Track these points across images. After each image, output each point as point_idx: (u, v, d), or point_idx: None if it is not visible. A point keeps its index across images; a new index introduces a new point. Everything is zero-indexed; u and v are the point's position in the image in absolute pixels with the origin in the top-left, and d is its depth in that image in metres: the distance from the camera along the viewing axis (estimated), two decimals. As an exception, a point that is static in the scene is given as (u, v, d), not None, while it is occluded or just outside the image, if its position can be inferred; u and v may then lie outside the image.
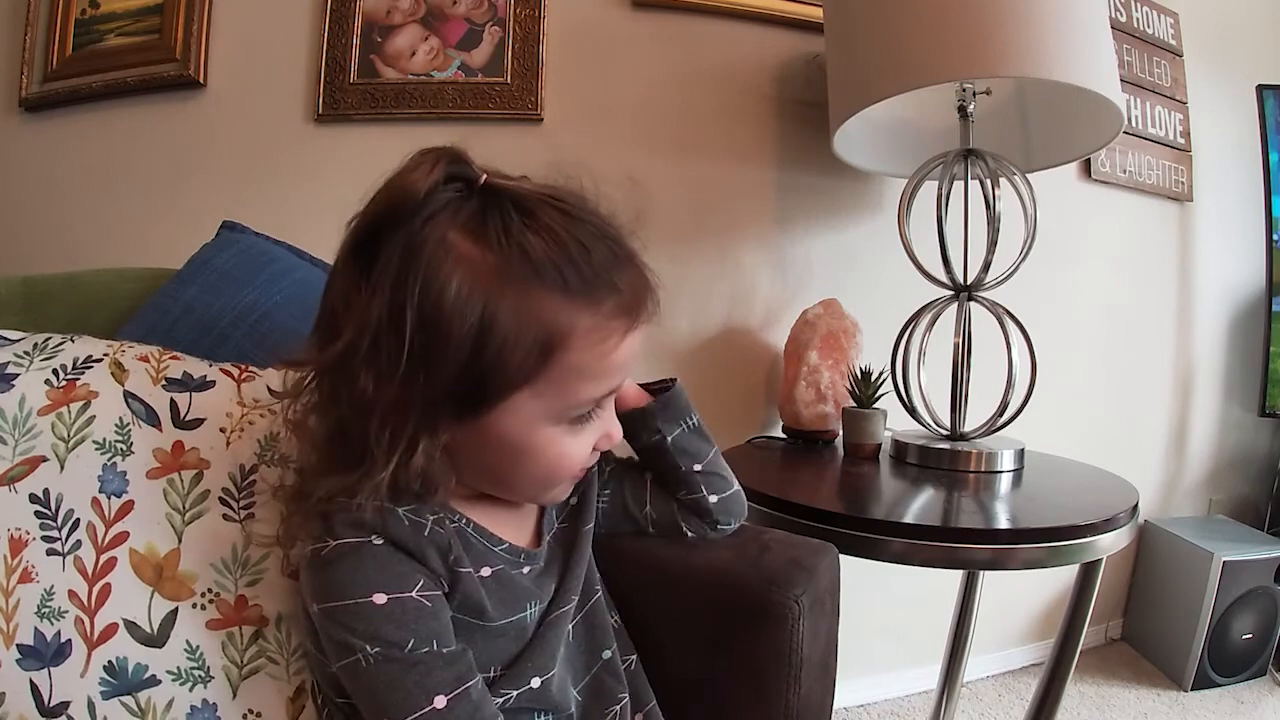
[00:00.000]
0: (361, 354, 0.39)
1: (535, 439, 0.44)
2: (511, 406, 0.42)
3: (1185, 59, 1.72)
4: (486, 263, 0.40)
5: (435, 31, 1.25)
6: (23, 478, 0.47)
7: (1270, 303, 1.72)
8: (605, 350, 0.43)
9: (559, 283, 0.41)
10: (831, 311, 1.24)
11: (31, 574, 0.46)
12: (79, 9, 1.29)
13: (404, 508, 0.43)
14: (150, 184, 1.27)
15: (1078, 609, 0.97)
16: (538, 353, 0.41)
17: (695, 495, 0.59)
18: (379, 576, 0.41)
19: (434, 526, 0.44)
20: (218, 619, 0.46)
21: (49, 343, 0.54)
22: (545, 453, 0.45)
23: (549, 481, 0.48)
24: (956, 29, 0.89)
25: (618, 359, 0.44)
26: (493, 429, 0.43)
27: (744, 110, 1.34)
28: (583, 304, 0.42)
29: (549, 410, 0.44)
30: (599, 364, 0.43)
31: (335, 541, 0.41)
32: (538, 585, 0.51)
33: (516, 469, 0.46)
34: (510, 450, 0.45)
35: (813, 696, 0.56)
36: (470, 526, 0.48)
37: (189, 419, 0.50)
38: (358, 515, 0.42)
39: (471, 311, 0.39)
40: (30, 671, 0.44)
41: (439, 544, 0.44)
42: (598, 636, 0.55)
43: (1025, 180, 1.02)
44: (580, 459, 0.48)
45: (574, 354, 0.42)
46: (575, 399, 0.44)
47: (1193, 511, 1.83)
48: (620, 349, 0.44)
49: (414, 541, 0.43)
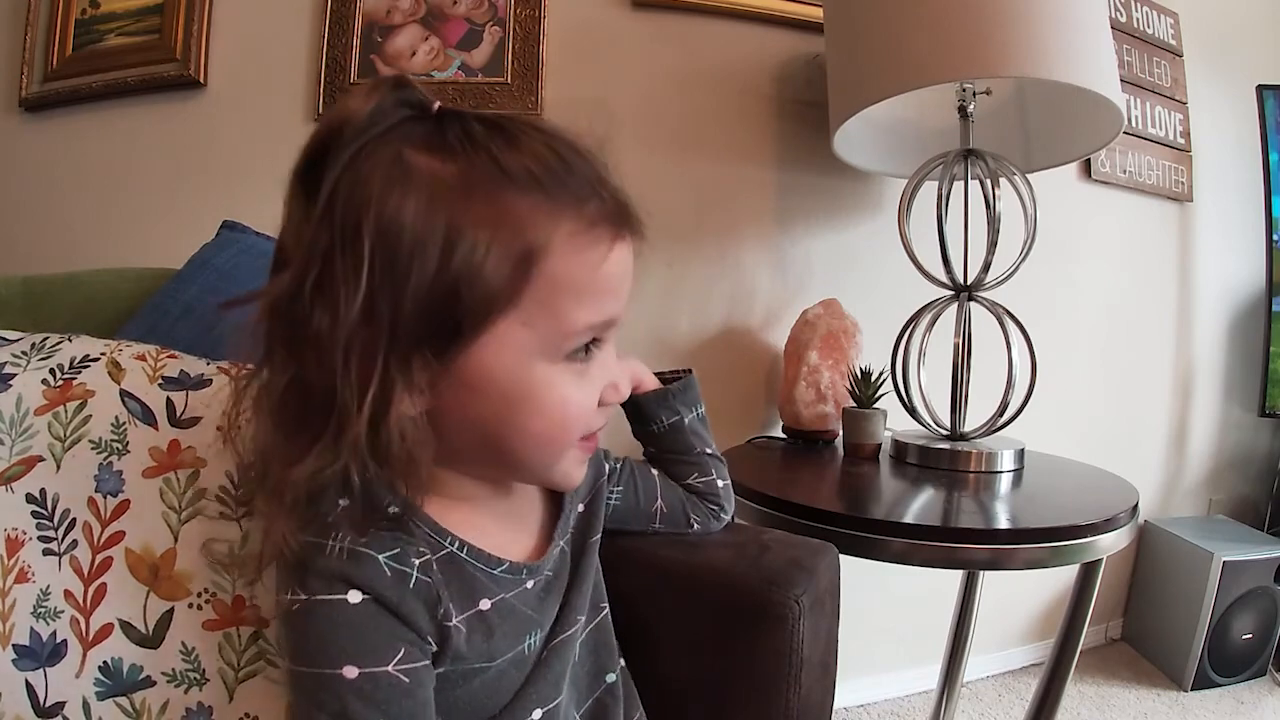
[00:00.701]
0: (311, 284, 0.34)
1: (530, 379, 0.39)
2: (496, 337, 0.37)
3: (1185, 59, 1.72)
4: (448, 172, 0.36)
5: (435, 31, 1.25)
6: (19, 477, 0.47)
7: (1270, 303, 1.72)
8: (593, 260, 0.38)
9: (533, 185, 0.37)
10: (831, 311, 1.24)
11: (28, 574, 0.46)
12: (79, 9, 1.29)
13: (386, 554, 0.38)
14: (150, 184, 1.27)
15: (1078, 609, 0.97)
16: (515, 264, 0.36)
17: (707, 478, 0.61)
18: (352, 645, 0.36)
19: (420, 575, 0.39)
20: (214, 619, 0.46)
21: (47, 342, 0.54)
22: (544, 397, 0.39)
23: (554, 439, 0.41)
24: (956, 29, 0.89)
25: (609, 274, 0.39)
26: (479, 369, 0.37)
27: (744, 110, 1.34)
28: (563, 206, 0.37)
29: (541, 341, 0.38)
30: (589, 277, 0.38)
31: (305, 597, 0.36)
32: (540, 607, 0.46)
33: (513, 423, 0.39)
34: (502, 397, 0.38)
35: (813, 696, 0.56)
36: (464, 550, 0.43)
37: (185, 417, 0.50)
38: (332, 563, 0.37)
39: (435, 223, 0.35)
40: (26, 672, 0.44)
41: (426, 598, 0.39)
42: (603, 657, 0.52)
43: (1025, 180, 1.02)
44: (586, 410, 0.42)
45: (558, 263, 0.37)
46: (568, 324, 0.38)
47: (1193, 511, 1.83)
48: (610, 261, 0.39)
49: (396, 596, 0.37)
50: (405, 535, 0.40)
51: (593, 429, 0.44)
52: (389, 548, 0.39)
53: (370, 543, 0.38)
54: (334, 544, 0.37)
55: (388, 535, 0.39)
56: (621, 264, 0.41)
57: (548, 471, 0.44)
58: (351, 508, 0.39)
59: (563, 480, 0.45)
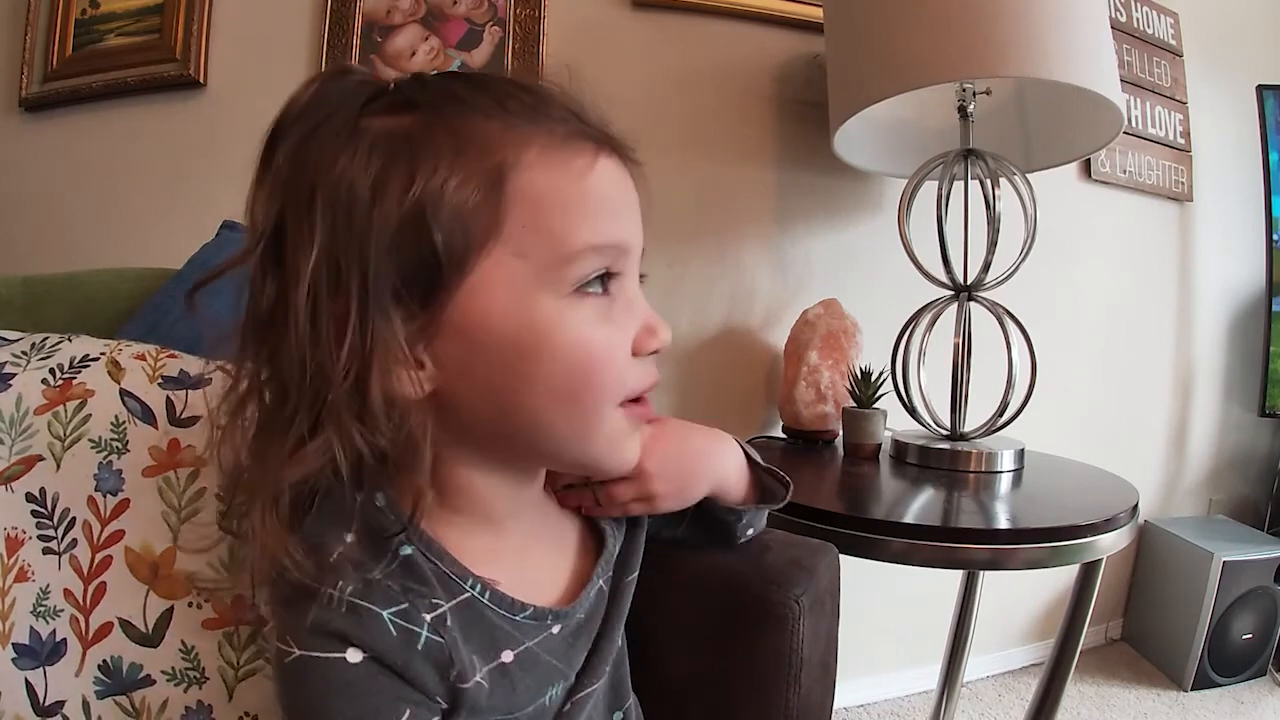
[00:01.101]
0: (261, 254, 0.32)
1: (535, 318, 0.33)
2: (485, 275, 0.33)
3: (1185, 59, 1.72)
4: (405, 121, 0.33)
5: (435, 31, 1.25)
6: (19, 477, 0.47)
7: (1270, 303, 1.72)
8: (575, 169, 0.34)
9: (498, 110, 0.34)
10: (831, 311, 1.24)
11: (27, 573, 0.46)
12: (79, 9, 1.29)
13: (391, 609, 0.33)
14: (150, 184, 1.27)
15: (1078, 609, 0.97)
16: (486, 186, 0.32)
17: (732, 536, 0.56)
18: (350, 709, 0.32)
19: (430, 635, 0.34)
20: (214, 618, 0.46)
21: (47, 342, 0.54)
22: (557, 338, 0.34)
23: (579, 394, 0.35)
24: (956, 29, 0.89)
25: (599, 189, 0.35)
26: (473, 317, 0.33)
27: (744, 110, 1.34)
28: (532, 126, 0.34)
29: (539, 271, 0.33)
30: (575, 189, 0.34)
31: (299, 652, 0.32)
32: (567, 656, 0.41)
33: (526, 376, 0.34)
34: (509, 346, 0.33)
35: (813, 696, 0.56)
36: (485, 595, 0.37)
37: (185, 417, 0.50)
38: (330, 616, 0.32)
39: (395, 168, 0.32)
40: (25, 671, 0.44)
41: (436, 660, 0.34)
42: (615, 695, 0.47)
43: (1025, 180, 1.02)
44: (615, 357, 0.36)
45: (535, 177, 0.33)
46: (565, 244, 0.33)
47: (1193, 511, 1.83)
48: (596, 172, 0.35)
49: (403, 658, 0.33)
50: (416, 583, 0.35)
51: (631, 386, 0.37)
52: (395, 602, 0.34)
53: (374, 595, 0.33)
54: (334, 593, 0.32)
55: (396, 585, 0.34)
56: (614, 181, 0.36)
57: (587, 444, 0.37)
58: (356, 545, 0.35)
59: (610, 456, 0.38)
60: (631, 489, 0.45)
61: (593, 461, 0.39)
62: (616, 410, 0.37)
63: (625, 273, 0.37)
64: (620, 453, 0.39)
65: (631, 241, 0.37)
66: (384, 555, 0.35)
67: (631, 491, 0.45)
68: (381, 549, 0.35)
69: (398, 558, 0.35)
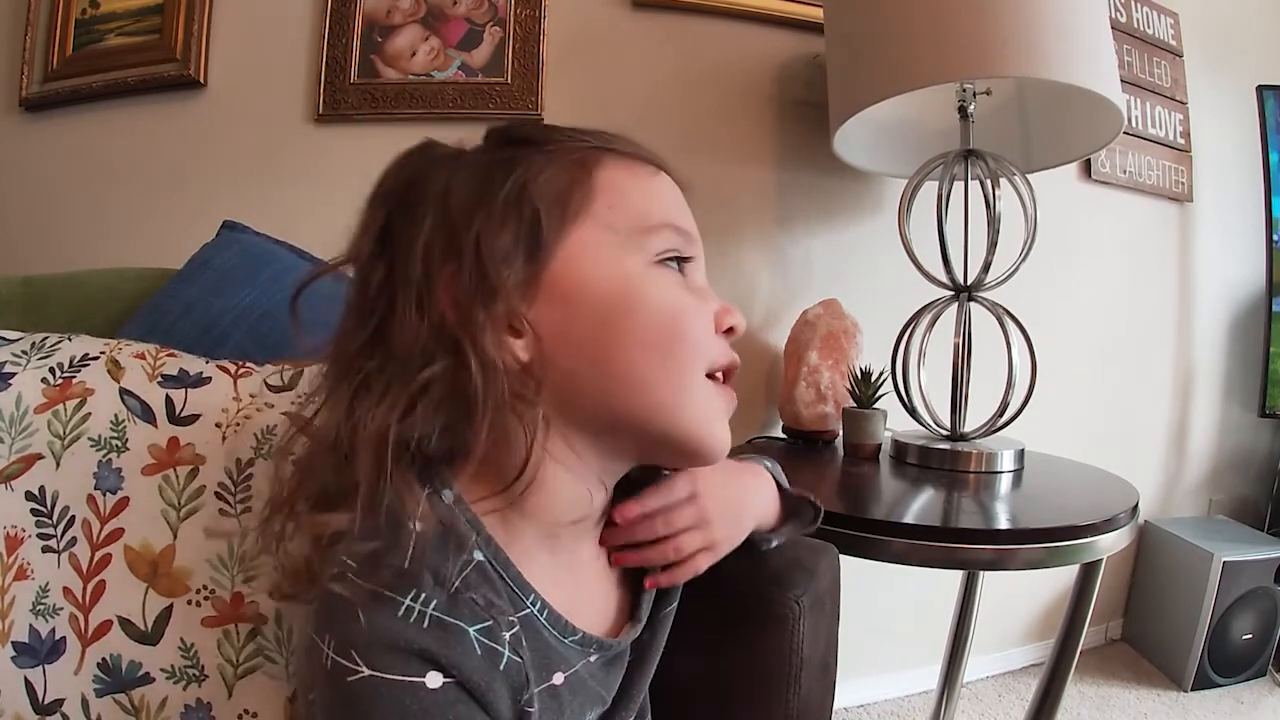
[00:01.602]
0: (373, 243, 0.37)
1: (631, 275, 0.37)
2: (580, 243, 0.37)
3: (1185, 59, 1.72)
4: (495, 150, 0.40)
5: (435, 31, 1.25)
6: (19, 475, 0.47)
7: (1270, 303, 1.72)
8: (641, 173, 0.40)
9: (578, 136, 0.40)
10: (831, 311, 1.24)
11: (27, 571, 0.46)
12: (79, 9, 1.29)
13: (478, 626, 0.31)
14: (150, 184, 1.27)
15: (1078, 609, 0.97)
16: (577, 173, 0.38)
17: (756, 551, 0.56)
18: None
19: (511, 654, 0.32)
20: (213, 616, 0.46)
21: (46, 342, 0.54)
22: (648, 295, 0.37)
23: (672, 349, 0.37)
24: (956, 29, 0.89)
25: (662, 191, 0.41)
26: (571, 278, 0.36)
27: (744, 110, 1.34)
28: (605, 145, 0.40)
29: (625, 239, 0.38)
30: (645, 183, 0.40)
31: (369, 673, 0.29)
32: (605, 681, 0.42)
33: (622, 328, 0.36)
34: (603, 301, 0.36)
35: (813, 696, 0.56)
36: (543, 613, 0.37)
37: (184, 415, 0.50)
38: (411, 634, 0.30)
39: (495, 169, 0.38)
40: (25, 669, 0.44)
41: (514, 682, 0.33)
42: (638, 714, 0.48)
43: (1025, 180, 1.02)
44: (700, 322, 0.39)
45: (615, 172, 0.39)
46: (647, 216, 0.39)
47: (1193, 511, 1.82)
48: (659, 180, 0.41)
49: (485, 679, 0.31)
50: (493, 595, 0.34)
51: (715, 356, 0.40)
52: (480, 618, 0.32)
53: (459, 610, 0.31)
54: (414, 605, 0.30)
55: (479, 598, 0.33)
56: (673, 191, 0.42)
57: (681, 409, 0.37)
58: (425, 539, 0.33)
59: (702, 427, 0.38)
60: (698, 538, 0.46)
61: (684, 432, 0.38)
62: (706, 380, 0.39)
63: (695, 263, 0.42)
64: (711, 426, 0.39)
65: (696, 237, 0.42)
66: (457, 558, 0.33)
67: (698, 540, 0.46)
68: (455, 549, 0.34)
69: (471, 563, 0.34)
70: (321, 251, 0.81)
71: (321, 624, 0.31)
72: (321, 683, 0.30)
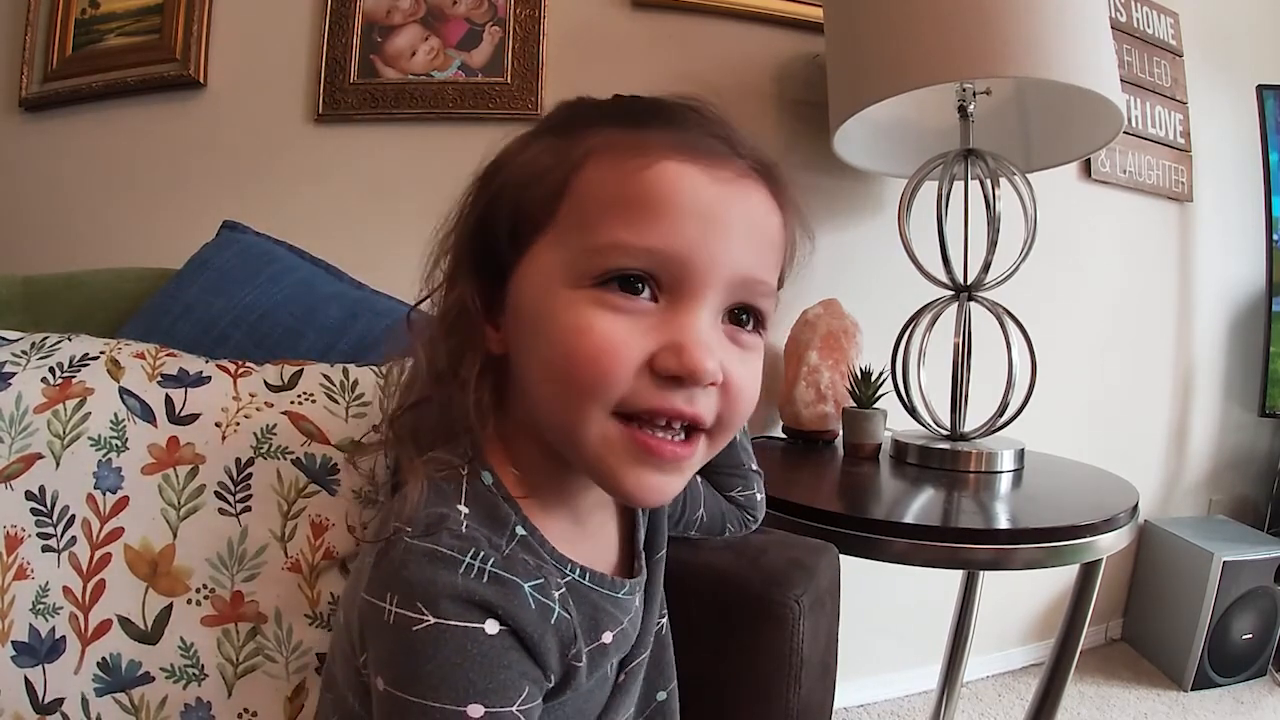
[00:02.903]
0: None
1: (549, 301, 0.35)
2: (534, 260, 0.36)
3: (1185, 59, 1.72)
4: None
5: (435, 31, 1.25)
6: (18, 475, 0.47)
7: (1270, 303, 1.72)
8: (633, 168, 0.34)
9: (600, 108, 0.40)
10: (831, 311, 1.24)
11: (27, 570, 0.46)
12: (79, 9, 1.29)
13: (531, 582, 0.34)
14: (150, 184, 1.27)
15: (1078, 609, 0.97)
16: (553, 168, 0.36)
17: (749, 491, 0.61)
18: (481, 682, 0.31)
19: (561, 610, 0.35)
20: (213, 615, 0.46)
21: (46, 341, 0.54)
22: (559, 323, 0.34)
23: (563, 378, 0.34)
24: (956, 29, 0.89)
25: (653, 189, 0.34)
26: (516, 298, 0.37)
27: (744, 110, 1.34)
28: (619, 121, 0.37)
29: (567, 261, 0.35)
30: (625, 187, 0.34)
31: (434, 620, 0.31)
32: (634, 624, 0.43)
33: (535, 358, 0.36)
34: (529, 328, 0.36)
35: (813, 696, 0.56)
36: (585, 578, 0.39)
37: (184, 414, 0.50)
38: (473, 585, 0.32)
39: (512, 150, 0.40)
40: (25, 668, 0.44)
41: (563, 636, 0.35)
42: (657, 675, 0.49)
43: (1025, 180, 1.02)
44: (620, 354, 0.33)
45: (593, 174, 0.35)
46: (594, 236, 0.34)
47: (1193, 511, 1.82)
48: (654, 172, 0.34)
49: (538, 632, 0.34)
50: (539, 561, 0.37)
51: (623, 395, 0.34)
52: (534, 576, 0.34)
53: (515, 567, 0.34)
54: (475, 563, 0.32)
55: (530, 560, 0.36)
56: (677, 184, 0.34)
57: (579, 443, 0.35)
58: (472, 518, 0.35)
59: (601, 467, 0.35)
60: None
61: (588, 467, 0.36)
62: (609, 419, 0.34)
63: (686, 290, 0.34)
64: (613, 470, 0.35)
65: (692, 254, 0.34)
66: (503, 533, 0.36)
67: None
68: (499, 527, 0.36)
69: (516, 536, 0.37)
70: (321, 251, 0.82)
71: (383, 583, 0.33)
72: (384, 638, 0.32)
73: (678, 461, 0.36)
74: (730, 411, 0.37)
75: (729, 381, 0.36)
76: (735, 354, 0.37)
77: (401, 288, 0.82)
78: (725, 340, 0.37)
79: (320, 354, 0.66)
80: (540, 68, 1.25)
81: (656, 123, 0.37)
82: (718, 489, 0.60)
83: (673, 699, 0.51)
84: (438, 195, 0.42)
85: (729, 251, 0.35)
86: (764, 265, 0.37)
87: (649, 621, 0.46)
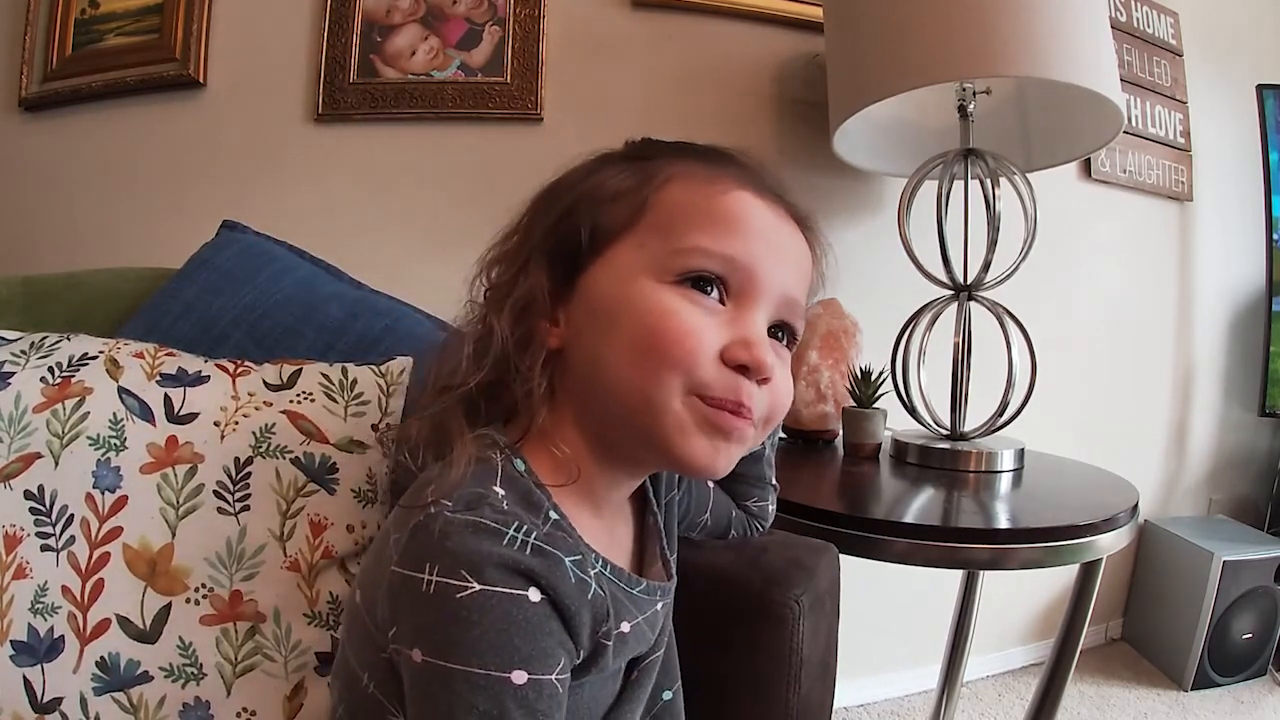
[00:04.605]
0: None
1: (633, 292, 0.38)
2: (613, 258, 0.40)
3: (1185, 59, 1.72)
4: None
5: (435, 31, 1.25)
6: (17, 474, 0.47)
7: (1270, 303, 1.72)
8: (710, 191, 0.40)
9: (674, 148, 0.44)
10: (831, 311, 1.23)
11: (25, 570, 0.46)
12: (79, 9, 1.29)
13: (571, 558, 0.35)
14: (150, 184, 1.27)
15: (1078, 609, 0.96)
16: (636, 187, 0.41)
17: (763, 503, 0.62)
18: (526, 648, 0.32)
19: (597, 587, 0.37)
20: (212, 614, 0.46)
21: (46, 341, 0.54)
22: (646, 304, 0.38)
23: (653, 355, 0.37)
24: (956, 29, 0.89)
25: (730, 208, 0.40)
26: (594, 290, 0.40)
27: (744, 110, 1.34)
28: (691, 155, 0.43)
29: (649, 258, 0.39)
30: (708, 205, 0.40)
31: (480, 586, 0.32)
32: (652, 625, 0.45)
33: (616, 338, 0.38)
34: (606, 315, 0.39)
35: (813, 696, 0.56)
36: (607, 569, 0.41)
37: (183, 414, 0.50)
38: (517, 554, 0.33)
39: (573, 180, 0.43)
40: (23, 668, 0.44)
41: (597, 613, 0.37)
42: (663, 674, 0.50)
43: (1025, 180, 1.02)
44: (702, 338, 0.37)
45: (675, 189, 0.41)
46: (677, 239, 0.39)
47: (1193, 511, 1.82)
48: (731, 197, 0.40)
49: (575, 604, 0.35)
50: (575, 542, 0.38)
51: (702, 378, 0.37)
52: (572, 552, 0.36)
53: (556, 542, 0.35)
54: (517, 535, 0.34)
55: (568, 539, 0.37)
56: (750, 209, 0.40)
57: (655, 417, 0.37)
58: (508, 499, 0.37)
59: (679, 441, 0.38)
60: None
61: (659, 436, 0.38)
62: (686, 397, 0.38)
63: (749, 297, 0.40)
64: (689, 442, 0.38)
65: (757, 266, 0.39)
66: (538, 515, 0.38)
67: None
68: (534, 509, 0.38)
69: (549, 519, 0.38)
70: (321, 251, 0.82)
71: (420, 555, 0.34)
72: (422, 608, 0.33)
73: (741, 432, 0.39)
74: (774, 409, 0.41)
75: (775, 382, 0.40)
76: (778, 361, 0.41)
77: (401, 287, 0.83)
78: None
79: (320, 353, 0.66)
80: (540, 67, 1.24)
81: (726, 161, 0.43)
82: (734, 497, 0.61)
83: (678, 698, 0.52)
84: (437, 194, 0.42)
85: (783, 272, 0.41)
86: (801, 291, 0.43)
87: (666, 622, 0.47)
